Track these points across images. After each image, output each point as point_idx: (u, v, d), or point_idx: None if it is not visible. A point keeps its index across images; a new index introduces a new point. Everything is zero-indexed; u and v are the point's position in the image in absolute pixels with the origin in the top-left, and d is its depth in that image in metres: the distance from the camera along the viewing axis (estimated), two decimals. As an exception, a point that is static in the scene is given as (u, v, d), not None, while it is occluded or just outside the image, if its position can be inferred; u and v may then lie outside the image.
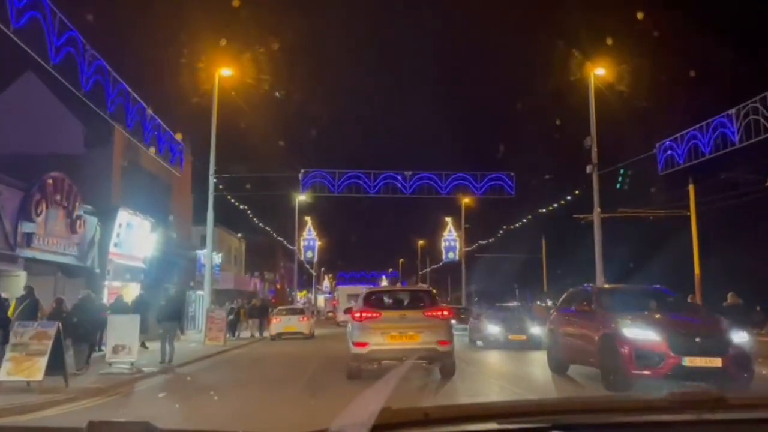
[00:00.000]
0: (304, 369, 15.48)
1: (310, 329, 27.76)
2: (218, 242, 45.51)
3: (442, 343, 11.63)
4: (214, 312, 23.59)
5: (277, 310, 28.73)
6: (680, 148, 20.62)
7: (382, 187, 27.27)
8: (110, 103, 19.04)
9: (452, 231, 53.31)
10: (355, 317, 12.27)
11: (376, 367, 11.58)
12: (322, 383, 12.10)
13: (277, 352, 22.22)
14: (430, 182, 27.30)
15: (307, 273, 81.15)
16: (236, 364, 18.24)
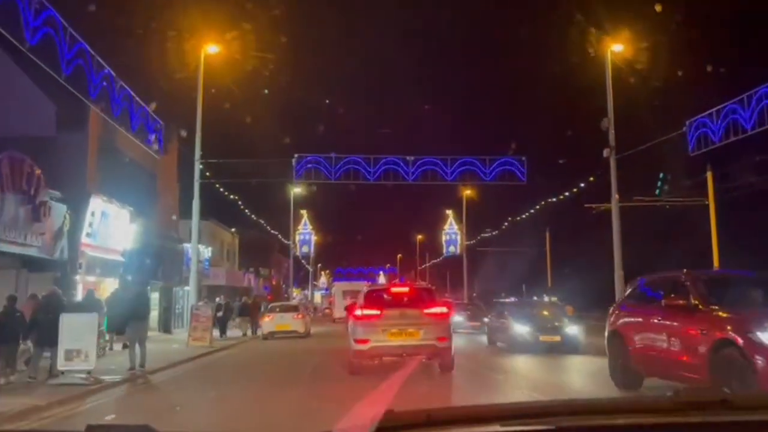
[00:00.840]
0: (297, 376, 13.19)
1: (306, 327, 25.46)
2: (209, 236, 43.22)
3: (441, 340, 11.79)
4: (199, 309, 21.25)
5: (270, 307, 26.40)
6: (716, 124, 18.32)
7: (382, 173, 24.98)
8: (92, 88, 16.78)
9: (453, 224, 51.09)
10: (357, 315, 12.36)
11: (377, 363, 11.75)
12: (320, 394, 9.83)
13: (267, 353, 19.93)
14: (434, 168, 25.02)
15: (304, 269, 78.98)
16: (219, 369, 15.93)
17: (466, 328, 26.30)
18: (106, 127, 22.96)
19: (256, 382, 12.31)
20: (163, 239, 27.73)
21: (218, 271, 41.55)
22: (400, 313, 12.18)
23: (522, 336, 17.44)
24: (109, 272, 21.98)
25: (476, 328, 25.74)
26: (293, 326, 25.04)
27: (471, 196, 49.13)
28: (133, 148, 26.31)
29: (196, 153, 24.43)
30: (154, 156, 29.25)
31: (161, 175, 30.14)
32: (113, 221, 21.47)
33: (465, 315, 27.06)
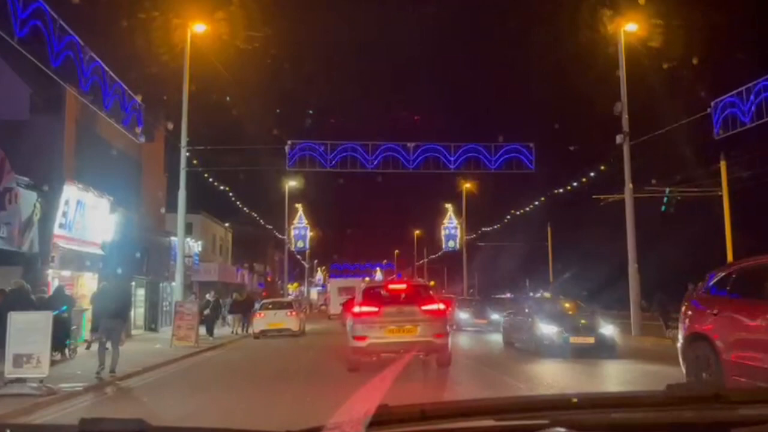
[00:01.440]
0: (287, 382, 11.52)
1: (300, 325, 23.79)
2: (201, 230, 41.49)
3: (438, 336, 11.92)
4: (183, 306, 19.54)
5: (262, 304, 24.72)
6: (746, 104, 16.67)
7: (381, 161, 23.29)
8: (54, 57, 14.95)
9: (452, 218, 49.39)
10: (355, 312, 12.46)
11: (374, 359, 11.75)
12: (315, 405, 8.16)
13: (257, 354, 18.28)
14: (436, 155, 23.32)
15: (300, 266, 77.25)
16: (202, 373, 14.24)
17: (472, 326, 24.76)
18: (84, 111, 21.27)
19: (240, 390, 10.61)
20: (148, 232, 26.00)
21: (210, 267, 39.86)
22: (398, 310, 12.31)
23: (549, 337, 14.84)
24: (86, 267, 20.26)
25: (483, 326, 24.24)
26: (286, 324, 23.37)
27: (471, 189, 47.59)
28: (115, 136, 24.61)
29: (182, 139, 22.73)
30: (138, 144, 27.52)
31: (147, 164, 28.40)
32: (91, 211, 19.72)
33: (471, 311, 25.53)
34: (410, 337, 11.73)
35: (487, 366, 14.03)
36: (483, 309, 25.54)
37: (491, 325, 24.45)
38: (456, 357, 13.50)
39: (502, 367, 13.80)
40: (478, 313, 24.98)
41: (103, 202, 20.49)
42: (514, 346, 17.19)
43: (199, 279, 38.50)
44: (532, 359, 14.65)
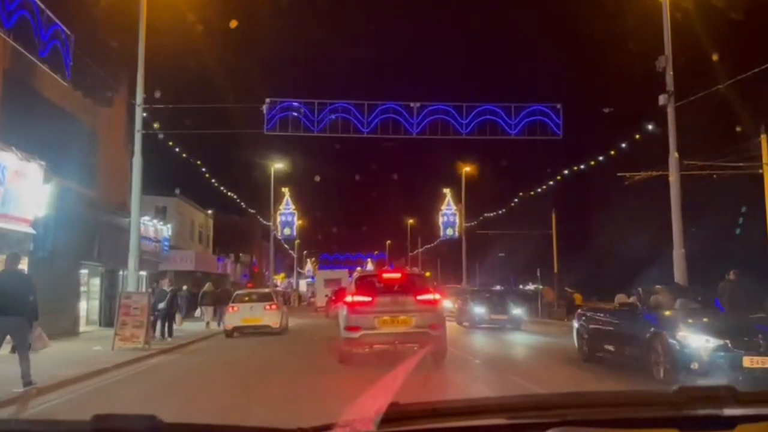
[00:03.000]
0: (249, 410, 7.35)
1: (281, 321, 19.62)
2: (176, 214, 37.16)
3: (434, 327, 11.33)
4: (130, 297, 15.31)
5: (235, 296, 20.50)
6: None
7: (379, 125, 19.14)
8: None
9: (451, 204, 45.29)
10: (347, 302, 11.84)
11: (367, 351, 11.37)
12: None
13: (218, 362, 14.12)
14: (445, 118, 19.23)
15: (290, 257, 73.13)
16: (139, 390, 10.01)
17: (488, 323, 20.87)
18: (17, 61, 17.05)
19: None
20: (102, 211, 21.69)
21: (186, 254, 35.62)
22: (392, 300, 11.64)
23: (707, 356, 8.52)
24: (10, 247, 15.98)
25: (501, 322, 20.24)
26: (264, 319, 19.23)
27: (471, 173, 43.60)
28: (62, 94, 20.42)
29: (138, 95, 18.43)
30: (94, 109, 23.31)
31: (106, 134, 24.07)
32: (15, 179, 15.41)
33: (487, 305, 21.51)
34: (405, 329, 11.16)
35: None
36: (502, 302, 21.71)
37: (511, 321, 20.79)
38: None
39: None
40: (497, 308, 21.11)
41: (33, 168, 16.18)
42: (602, 359, 11.41)
43: (173, 267, 34.27)
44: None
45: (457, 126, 19.23)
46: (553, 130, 19.45)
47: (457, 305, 24.01)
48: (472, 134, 19.31)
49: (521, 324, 20.66)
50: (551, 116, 19.37)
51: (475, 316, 21.22)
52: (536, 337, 18.63)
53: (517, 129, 19.35)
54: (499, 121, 19.35)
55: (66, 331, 19.16)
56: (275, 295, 20.85)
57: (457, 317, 23.45)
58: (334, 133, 19.16)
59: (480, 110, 19.37)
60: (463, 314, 22.71)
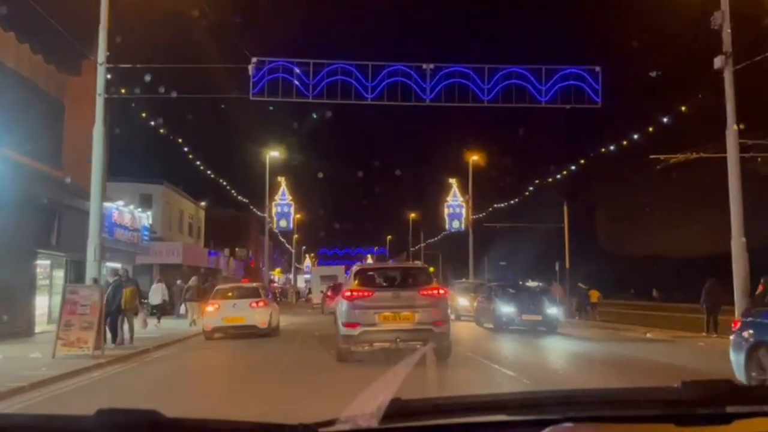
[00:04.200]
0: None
1: (269, 320, 16.50)
2: (162, 203, 34.02)
3: (438, 324, 10.60)
4: (77, 292, 12.17)
5: (215, 291, 17.35)
6: None
7: (385, 89, 16.03)
8: None
9: (457, 195, 42.15)
10: (345, 296, 11.08)
11: (367, 349, 10.85)
12: None
13: (181, 375, 10.99)
14: (463, 82, 16.11)
15: (288, 252, 70.05)
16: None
17: (519, 324, 17.46)
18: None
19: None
20: (65, 193, 18.55)
21: (172, 247, 32.47)
22: (394, 294, 10.77)
23: None
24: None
25: (534, 323, 16.96)
26: (249, 318, 16.13)
27: (478, 163, 40.58)
28: (18, 57, 17.39)
29: (100, 53, 15.34)
30: (59, 77, 20.21)
31: (73, 106, 20.91)
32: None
33: (516, 303, 17.85)
34: (407, 325, 10.53)
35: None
36: (535, 300, 18.22)
37: (545, 323, 17.36)
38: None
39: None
40: (528, 306, 17.56)
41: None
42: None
43: (158, 260, 31.22)
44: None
45: (478, 92, 16.11)
46: (590, 97, 16.32)
47: (476, 303, 20.68)
48: (495, 102, 16.17)
49: (557, 326, 17.37)
50: (588, 80, 16.26)
51: (502, 316, 17.57)
52: (586, 345, 15.06)
53: (548, 95, 16.22)
54: (527, 86, 16.21)
55: (19, 331, 16.10)
56: (263, 290, 17.68)
57: (476, 317, 20.25)
58: (333, 100, 16.03)
59: (505, 73, 16.24)
60: (484, 314, 19.31)
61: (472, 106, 16.09)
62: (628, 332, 18.79)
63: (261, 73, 15.61)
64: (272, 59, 15.77)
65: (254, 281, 42.44)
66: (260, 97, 15.64)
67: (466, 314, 21.93)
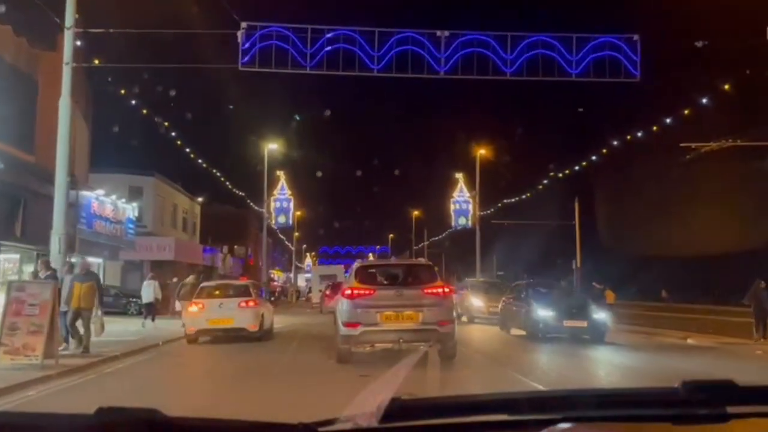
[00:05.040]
0: None
1: (260, 322, 14.39)
2: (153, 196, 31.90)
3: (443, 324, 10.01)
4: (25, 289, 10.05)
5: (200, 289, 15.22)
6: None
7: (393, 59, 13.93)
8: None
9: (464, 190, 40.02)
10: (346, 294, 10.45)
11: (368, 350, 10.42)
12: None
13: (144, 392, 8.78)
14: (483, 52, 14.01)
15: (288, 251, 67.97)
16: None
17: (560, 331, 14.56)
18: None
19: None
20: (34, 178, 16.46)
21: (164, 242, 30.37)
22: (397, 292, 10.26)
23: None
24: None
25: (578, 330, 14.25)
26: (237, 320, 14.03)
27: (485, 156, 38.55)
28: None
29: (67, 16, 13.25)
30: (31, 52, 18.18)
31: (48, 85, 18.82)
32: None
33: (556, 307, 14.84)
34: (410, 325, 9.90)
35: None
36: (578, 303, 15.23)
37: (591, 330, 14.28)
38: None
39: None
40: (571, 310, 14.57)
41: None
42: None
43: (147, 256, 29.15)
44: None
45: (499, 63, 14.01)
46: (627, 70, 14.20)
47: (501, 304, 17.61)
48: (518, 74, 14.06)
49: (605, 333, 14.18)
50: (625, 51, 14.14)
51: (539, 321, 14.51)
52: (641, 356, 12.62)
53: (579, 67, 14.09)
54: (556, 57, 14.12)
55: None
56: (254, 288, 15.55)
57: (502, 321, 17.32)
58: (334, 71, 13.90)
59: (530, 42, 14.11)
60: (513, 318, 16.43)
61: (493, 79, 13.99)
62: (663, 337, 16.66)
63: (252, 40, 13.51)
64: (264, 24, 13.67)
65: (252, 280, 40.48)
66: (250, 67, 13.54)
67: (481, 316, 19.72)
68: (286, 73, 14.53)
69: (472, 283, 23.02)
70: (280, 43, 13.65)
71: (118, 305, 26.90)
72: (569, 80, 14.18)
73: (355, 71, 13.88)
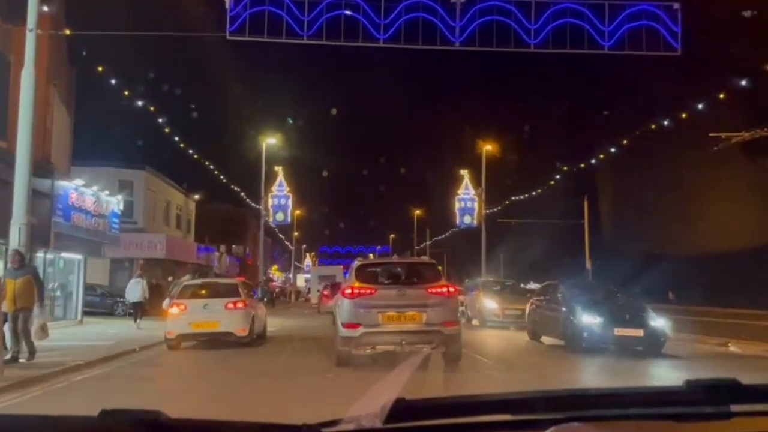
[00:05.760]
0: None
1: (250, 326, 12.65)
2: (144, 191, 30.15)
3: (448, 325, 9.58)
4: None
5: (182, 288, 13.46)
6: None
7: (403, 29, 12.19)
8: None
9: (469, 188, 38.30)
10: (345, 294, 9.98)
11: (369, 352, 9.70)
12: None
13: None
14: (503, 20, 12.31)
15: (288, 251, 66.28)
16: None
17: (609, 341, 12.00)
18: None
19: None
20: (3, 165, 14.69)
21: (155, 239, 28.61)
22: (399, 292, 9.68)
23: None
24: None
25: (633, 341, 11.74)
26: (224, 324, 12.30)
27: (492, 152, 36.92)
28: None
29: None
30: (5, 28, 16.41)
31: (22, 64, 17.08)
32: None
33: (604, 313, 12.07)
34: (414, 326, 9.44)
35: None
36: (631, 308, 12.44)
37: (648, 340, 11.73)
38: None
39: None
40: (622, 316, 11.92)
41: None
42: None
43: (137, 254, 27.41)
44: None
45: (522, 33, 12.29)
46: (666, 42, 12.48)
47: (529, 308, 14.99)
48: (544, 46, 12.34)
49: (664, 344, 11.66)
50: (665, 20, 12.43)
51: (582, 329, 11.88)
52: (709, 374, 9.97)
53: (612, 39, 12.38)
54: (586, 27, 12.42)
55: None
56: (244, 288, 13.74)
57: (533, 328, 14.69)
58: (334, 40, 12.15)
59: (557, 10, 12.37)
60: (546, 324, 13.85)
61: (515, 51, 12.26)
62: (700, 344, 14.86)
63: (242, 4, 11.77)
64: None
65: (250, 280, 38.71)
66: (239, 36, 11.82)
67: (494, 320, 17.89)
68: (279, 27, 12.70)
69: (484, 284, 21.15)
70: (273, 8, 11.93)
71: (105, 305, 25.22)
72: (601, 53, 12.47)
73: (359, 41, 12.14)
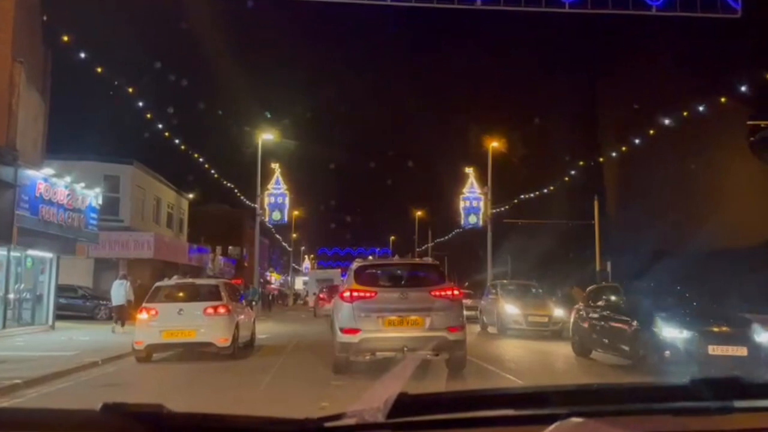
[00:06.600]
0: None
1: (233, 334, 10.69)
2: (131, 187, 28.18)
3: (453, 330, 8.96)
4: None
5: (153, 289, 11.42)
6: None
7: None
8: None
9: (474, 186, 36.32)
10: (344, 297, 9.36)
11: (368, 358, 9.17)
12: None
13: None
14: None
15: (287, 253, 64.39)
16: None
17: (704, 360, 8.90)
18: None
19: None
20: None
21: (142, 238, 26.62)
22: (401, 295, 9.10)
23: None
24: None
25: (738, 361, 8.49)
26: (202, 332, 10.35)
27: (498, 149, 35.14)
28: None
29: None
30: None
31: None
32: None
33: (697, 325, 9.22)
34: (416, 331, 8.86)
35: None
36: (728, 318, 9.74)
37: (752, 360, 8.85)
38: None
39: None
40: (719, 326, 9.28)
41: None
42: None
43: (122, 254, 25.48)
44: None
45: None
46: (725, 3, 10.55)
47: (573, 316, 12.34)
48: (581, 5, 10.45)
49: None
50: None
51: (663, 346, 9.10)
52: None
53: (662, 0, 10.47)
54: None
55: None
56: (227, 289, 11.70)
57: (579, 340, 12.08)
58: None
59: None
60: (601, 338, 11.15)
61: (547, 11, 10.34)
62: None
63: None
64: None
65: (247, 282, 36.78)
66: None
67: (516, 327, 15.82)
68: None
69: (503, 286, 18.97)
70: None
71: (85, 309, 23.19)
72: (650, 15, 10.53)
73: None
